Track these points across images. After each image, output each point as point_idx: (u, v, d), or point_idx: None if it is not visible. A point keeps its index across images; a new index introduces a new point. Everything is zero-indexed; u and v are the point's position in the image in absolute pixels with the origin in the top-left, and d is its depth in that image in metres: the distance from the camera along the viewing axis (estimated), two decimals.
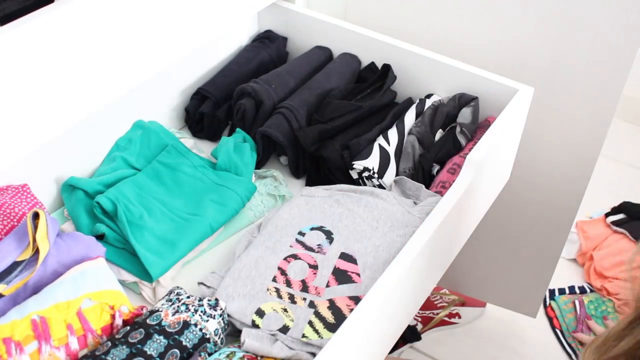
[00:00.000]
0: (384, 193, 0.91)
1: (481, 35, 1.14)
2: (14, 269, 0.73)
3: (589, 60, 1.07)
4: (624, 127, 2.19)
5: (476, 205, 0.98)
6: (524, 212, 1.32)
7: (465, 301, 1.64)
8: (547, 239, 1.34)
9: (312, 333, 0.74)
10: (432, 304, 1.62)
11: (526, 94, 0.99)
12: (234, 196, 0.91)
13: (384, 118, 1.03)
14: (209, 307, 0.73)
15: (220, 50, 1.12)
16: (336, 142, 0.97)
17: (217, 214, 0.89)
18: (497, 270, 1.49)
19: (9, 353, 0.63)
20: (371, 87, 1.07)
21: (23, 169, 0.84)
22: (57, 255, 0.74)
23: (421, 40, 1.14)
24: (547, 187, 1.26)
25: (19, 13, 0.74)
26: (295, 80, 1.06)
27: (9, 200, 0.80)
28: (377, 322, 0.75)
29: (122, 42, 0.84)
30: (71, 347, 0.67)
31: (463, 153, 0.97)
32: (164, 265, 0.82)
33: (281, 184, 0.98)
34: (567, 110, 1.14)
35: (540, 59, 1.11)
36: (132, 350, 0.66)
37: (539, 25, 1.08)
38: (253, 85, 1.01)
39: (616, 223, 1.76)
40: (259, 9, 1.10)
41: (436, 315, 1.61)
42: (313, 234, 0.86)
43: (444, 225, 0.83)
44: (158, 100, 1.03)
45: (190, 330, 0.70)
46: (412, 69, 1.07)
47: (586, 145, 1.16)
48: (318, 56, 1.12)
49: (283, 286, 0.80)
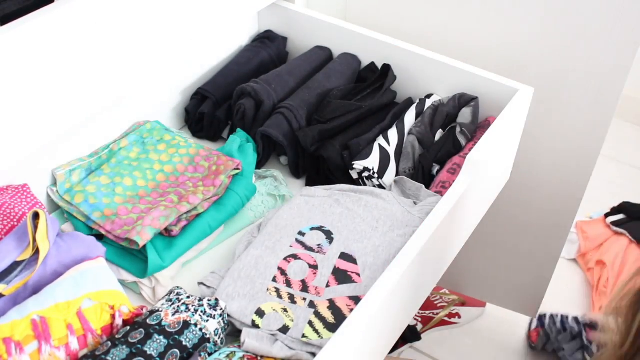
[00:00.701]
0: (384, 193, 0.91)
1: (481, 35, 1.14)
2: (14, 269, 0.73)
3: (589, 60, 1.07)
4: (624, 127, 2.19)
5: (476, 205, 0.98)
6: (524, 212, 1.33)
7: (465, 301, 1.64)
8: (547, 239, 1.34)
9: (312, 333, 0.74)
10: (432, 304, 1.62)
11: (526, 94, 0.99)
12: (234, 196, 0.91)
13: (384, 118, 1.03)
14: (209, 307, 0.73)
15: (220, 50, 1.12)
16: (336, 142, 0.97)
17: (216, 213, 0.89)
18: (497, 270, 1.49)
19: (9, 353, 0.63)
20: (371, 87, 1.07)
21: (23, 169, 0.84)
22: (57, 255, 0.74)
23: (421, 40, 1.14)
24: (547, 187, 1.26)
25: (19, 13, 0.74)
26: (295, 80, 1.06)
27: (9, 200, 0.80)
28: (377, 322, 0.75)
29: (122, 42, 0.84)
30: (71, 347, 0.67)
31: (463, 153, 0.97)
32: (161, 262, 0.82)
33: (281, 184, 0.98)
34: (567, 110, 1.14)
35: (540, 59, 1.11)
36: (132, 350, 0.66)
37: (539, 26, 1.08)
38: (253, 85, 1.01)
39: (616, 223, 1.76)
40: (259, 9, 1.10)
41: (436, 315, 1.61)
42: (313, 234, 0.86)
43: (444, 225, 0.83)
44: (158, 100, 1.03)
45: (191, 330, 0.70)
46: (412, 69, 1.07)
47: (586, 145, 1.16)
48: (318, 56, 1.12)
49: (283, 286, 0.80)
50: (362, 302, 0.71)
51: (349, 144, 0.97)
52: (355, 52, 1.12)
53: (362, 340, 0.72)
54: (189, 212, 0.86)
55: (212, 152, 0.96)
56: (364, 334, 0.72)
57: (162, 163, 0.94)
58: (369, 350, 0.77)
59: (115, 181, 0.90)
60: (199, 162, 0.95)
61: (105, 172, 0.91)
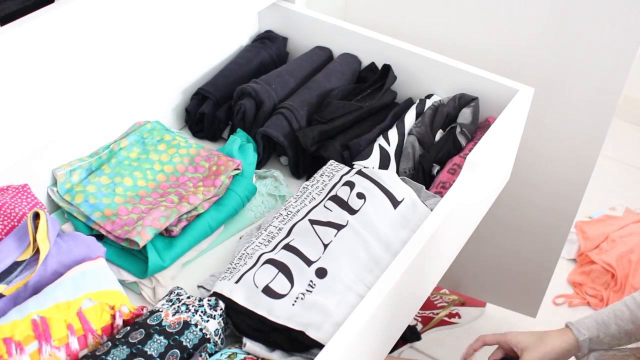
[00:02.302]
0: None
1: (481, 35, 1.14)
2: (14, 269, 0.73)
3: (589, 60, 1.07)
4: (624, 127, 2.19)
5: (476, 205, 0.98)
6: (524, 212, 1.33)
7: (465, 301, 1.64)
8: (547, 239, 1.34)
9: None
10: (432, 304, 1.62)
11: (526, 94, 0.99)
12: (234, 196, 0.91)
13: (384, 118, 1.03)
14: (209, 307, 0.73)
15: (220, 50, 1.12)
16: (336, 142, 0.97)
17: (217, 213, 0.89)
18: (497, 270, 1.49)
19: (10, 353, 0.63)
20: (371, 87, 1.07)
21: (23, 169, 0.84)
22: (58, 255, 0.74)
23: (421, 40, 1.14)
24: (547, 187, 1.26)
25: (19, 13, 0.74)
26: (295, 80, 1.06)
27: (9, 200, 0.80)
28: (377, 322, 0.75)
29: (122, 42, 0.84)
30: (71, 347, 0.67)
31: (463, 153, 0.97)
32: (161, 262, 0.82)
33: (281, 184, 0.98)
34: (567, 110, 1.14)
35: (540, 59, 1.11)
36: (132, 350, 0.66)
37: (539, 26, 1.08)
38: (253, 86, 1.01)
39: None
40: (259, 9, 1.10)
41: (436, 315, 1.61)
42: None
43: (444, 226, 0.83)
44: (158, 100, 1.03)
45: (191, 331, 0.70)
46: (412, 69, 1.07)
47: (586, 145, 1.16)
48: (319, 56, 1.12)
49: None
50: (362, 302, 0.71)
51: (349, 144, 0.97)
52: (355, 52, 1.12)
53: (362, 340, 0.72)
54: (189, 213, 0.86)
55: (212, 152, 0.96)
56: (364, 334, 0.72)
57: (162, 163, 0.94)
58: (369, 350, 0.77)
59: (116, 181, 0.90)
60: (199, 163, 0.95)
61: (105, 172, 0.91)
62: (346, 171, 0.89)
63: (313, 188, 0.88)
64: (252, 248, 0.81)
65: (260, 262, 0.78)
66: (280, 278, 0.76)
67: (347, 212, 0.83)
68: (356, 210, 0.84)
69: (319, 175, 0.91)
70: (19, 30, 0.71)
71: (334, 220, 0.82)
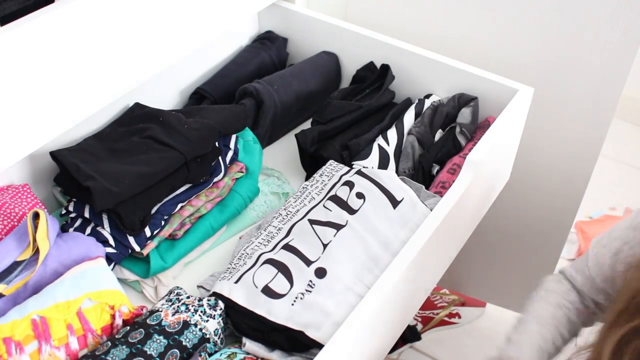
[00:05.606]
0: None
1: (481, 35, 1.14)
2: (14, 269, 0.73)
3: (589, 60, 1.07)
4: (624, 127, 2.19)
5: (476, 205, 0.98)
6: (524, 213, 1.33)
7: (465, 301, 1.64)
8: (547, 239, 1.34)
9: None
10: (432, 304, 1.62)
11: (526, 94, 0.99)
12: (237, 197, 0.91)
13: (383, 118, 1.03)
14: (209, 307, 0.73)
15: (220, 50, 1.12)
16: (336, 142, 0.97)
17: (219, 214, 0.89)
18: (497, 270, 1.49)
19: (9, 353, 0.63)
20: (370, 87, 1.07)
21: (23, 169, 0.84)
22: (57, 255, 0.74)
23: (421, 40, 1.14)
24: (547, 187, 1.26)
25: (19, 13, 0.74)
26: (298, 83, 1.06)
27: (9, 200, 0.80)
28: (377, 322, 0.75)
29: (122, 42, 0.84)
30: (71, 347, 0.67)
31: (463, 153, 0.97)
32: (163, 263, 0.82)
33: (284, 182, 0.99)
34: (567, 110, 1.14)
35: (540, 59, 1.11)
36: (132, 350, 0.66)
37: (539, 25, 1.08)
38: (255, 86, 1.01)
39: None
40: (259, 9, 1.10)
41: (436, 315, 1.61)
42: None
43: (444, 225, 0.83)
44: (158, 100, 1.03)
45: (190, 330, 0.70)
46: (411, 69, 1.07)
47: (586, 145, 1.16)
48: (324, 61, 1.12)
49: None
50: (362, 302, 0.71)
51: (349, 144, 0.97)
52: (355, 51, 1.12)
53: (362, 340, 0.72)
54: (192, 215, 0.86)
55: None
56: (364, 334, 0.72)
57: None
58: (369, 350, 0.77)
59: None
60: None
61: None
62: (346, 171, 0.89)
63: (312, 188, 0.88)
64: (252, 248, 0.81)
65: (259, 262, 0.78)
66: (280, 278, 0.76)
67: (346, 212, 0.83)
68: (356, 210, 0.84)
69: (318, 175, 0.91)
70: (19, 30, 0.71)
71: (334, 220, 0.82)
